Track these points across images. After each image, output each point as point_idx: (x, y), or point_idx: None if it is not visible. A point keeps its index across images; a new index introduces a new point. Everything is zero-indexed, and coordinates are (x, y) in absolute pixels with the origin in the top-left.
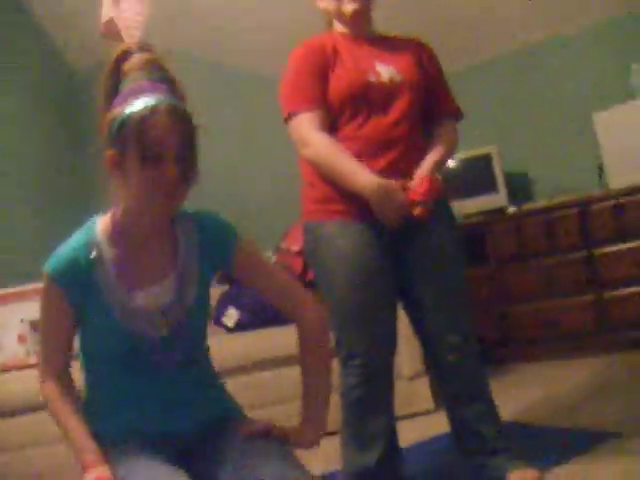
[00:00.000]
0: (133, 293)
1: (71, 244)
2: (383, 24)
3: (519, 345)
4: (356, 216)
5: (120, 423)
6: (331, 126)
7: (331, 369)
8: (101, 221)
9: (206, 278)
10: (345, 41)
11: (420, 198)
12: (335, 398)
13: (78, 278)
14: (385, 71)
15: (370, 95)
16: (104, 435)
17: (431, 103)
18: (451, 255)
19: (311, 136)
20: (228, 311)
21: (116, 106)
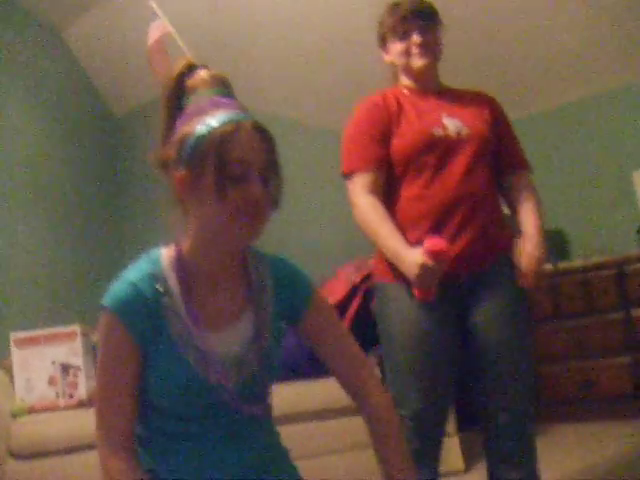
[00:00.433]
0: (205, 335)
1: (133, 274)
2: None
3: (552, 405)
4: None
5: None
6: (397, 186)
7: (407, 452)
8: (165, 252)
9: (278, 326)
10: (411, 95)
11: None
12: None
13: (144, 312)
14: (452, 124)
15: (436, 149)
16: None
17: (501, 156)
18: (518, 321)
19: (359, 199)
20: None
21: (186, 122)
